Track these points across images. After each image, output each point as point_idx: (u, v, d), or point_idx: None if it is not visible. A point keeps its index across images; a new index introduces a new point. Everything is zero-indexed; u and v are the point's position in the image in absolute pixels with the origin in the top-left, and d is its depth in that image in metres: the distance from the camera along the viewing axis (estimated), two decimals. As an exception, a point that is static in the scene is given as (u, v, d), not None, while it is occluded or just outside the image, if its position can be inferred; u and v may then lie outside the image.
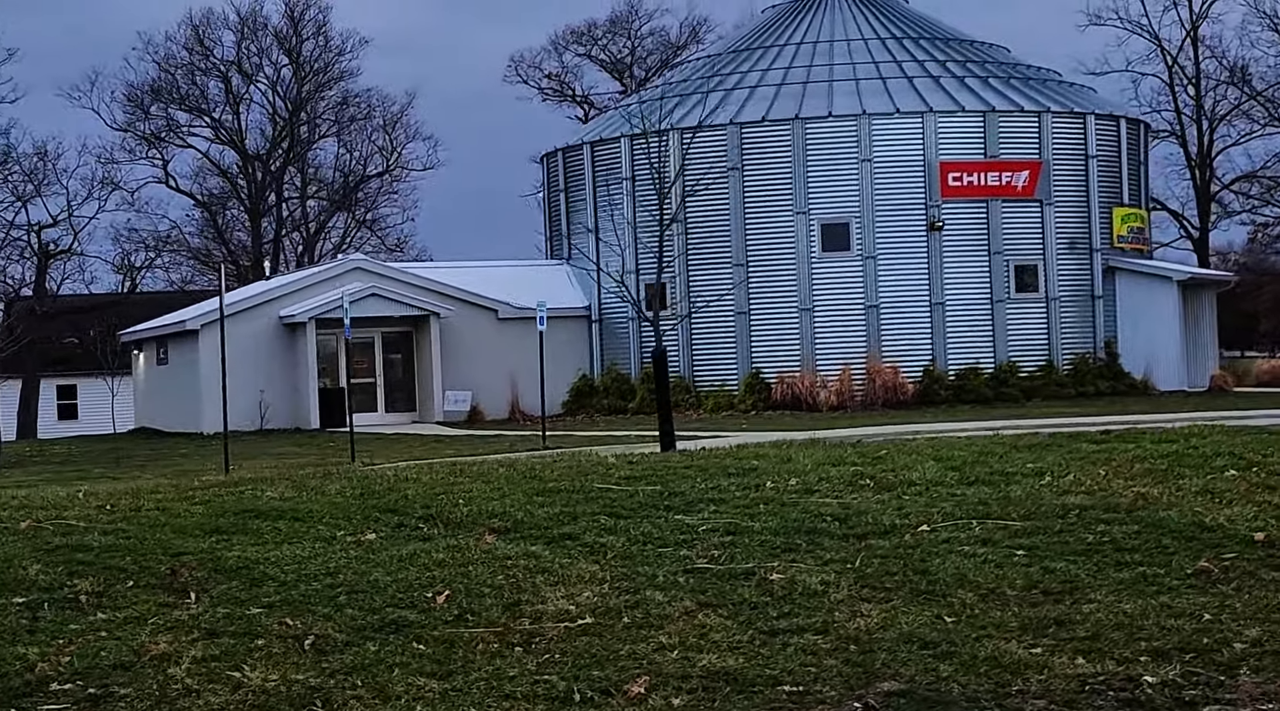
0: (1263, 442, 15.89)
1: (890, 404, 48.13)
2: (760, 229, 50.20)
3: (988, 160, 50.23)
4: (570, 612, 10.31)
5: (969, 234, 50.08)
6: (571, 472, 15.20)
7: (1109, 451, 15.66)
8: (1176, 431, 17.46)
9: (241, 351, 49.29)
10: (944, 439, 18.66)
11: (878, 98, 50.62)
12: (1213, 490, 13.25)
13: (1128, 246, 52.70)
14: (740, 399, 49.31)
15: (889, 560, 11.30)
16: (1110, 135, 52.47)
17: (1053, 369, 50.17)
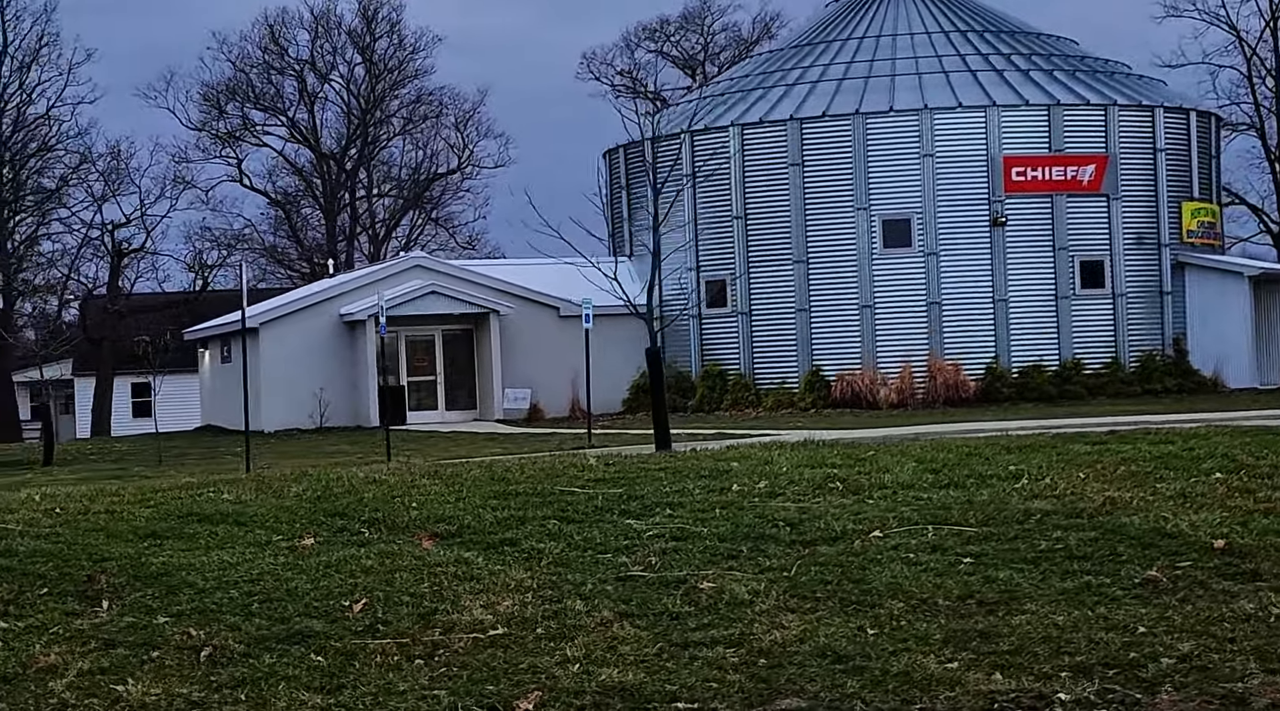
0: (1265, 443, 15.39)
1: (951, 401, 47.55)
2: (821, 225, 49.71)
3: (1052, 154, 49.50)
4: (484, 623, 10.03)
5: (1033, 229, 49.39)
6: (543, 475, 14.91)
7: (1100, 453, 15.21)
8: (1178, 432, 16.97)
9: (302, 349, 49.47)
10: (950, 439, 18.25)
11: (940, 92, 50.02)
12: (1189, 494, 12.81)
13: (1198, 241, 51.83)
14: (800, 396, 48.87)
15: (827, 568, 10.94)
16: (1180, 128, 51.60)
17: (1119, 366, 49.42)
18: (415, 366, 51.75)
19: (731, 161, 50.67)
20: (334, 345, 50.10)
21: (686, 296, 51.57)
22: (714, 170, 51.06)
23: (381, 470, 16.59)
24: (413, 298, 49.73)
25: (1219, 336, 50.11)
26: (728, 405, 49.43)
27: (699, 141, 51.51)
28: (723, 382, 50.37)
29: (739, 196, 50.54)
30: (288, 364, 49.40)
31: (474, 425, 48.58)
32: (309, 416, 48.91)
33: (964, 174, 49.15)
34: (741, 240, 50.50)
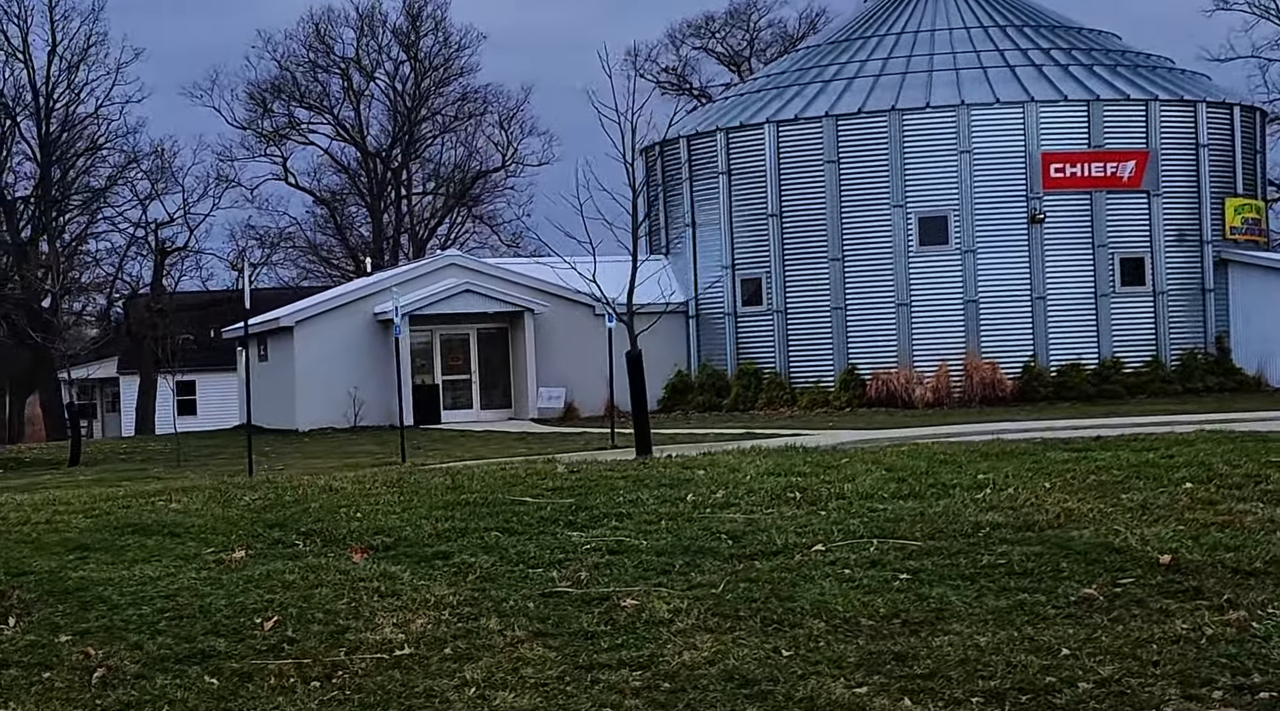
0: (1247, 450, 14.96)
1: (988, 401, 47.09)
2: (857, 223, 49.29)
3: (1092, 150, 48.92)
4: (392, 642, 9.76)
5: (1072, 226, 48.84)
6: (502, 483, 14.63)
7: (1077, 460, 14.82)
8: (1163, 438, 16.56)
9: (336, 348, 49.39)
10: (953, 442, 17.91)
11: (978, 87, 49.52)
12: (1151, 505, 12.41)
13: (1241, 238, 51.12)
14: (835, 395, 48.48)
15: (758, 584, 10.62)
16: (1223, 123, 50.93)
17: (1159, 365, 48.81)
18: (450, 365, 51.62)
19: (767, 159, 50.30)
20: (369, 344, 49.96)
21: (722, 295, 51.26)
22: (749, 167, 50.75)
23: (344, 477, 16.35)
24: (447, 296, 49.60)
25: (1263, 334, 49.44)
26: (762, 404, 49.08)
27: (734, 139, 51.19)
28: (758, 381, 50.02)
29: (774, 194, 50.16)
30: (322, 363, 49.36)
31: (508, 424, 48.41)
32: (343, 415, 48.87)
33: (1002, 170, 48.65)
34: (777, 238, 50.13)
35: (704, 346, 52.13)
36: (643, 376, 24.57)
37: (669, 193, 53.88)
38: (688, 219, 52.59)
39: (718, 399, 50.30)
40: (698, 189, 52.43)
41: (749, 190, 50.87)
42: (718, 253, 51.45)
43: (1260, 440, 15.98)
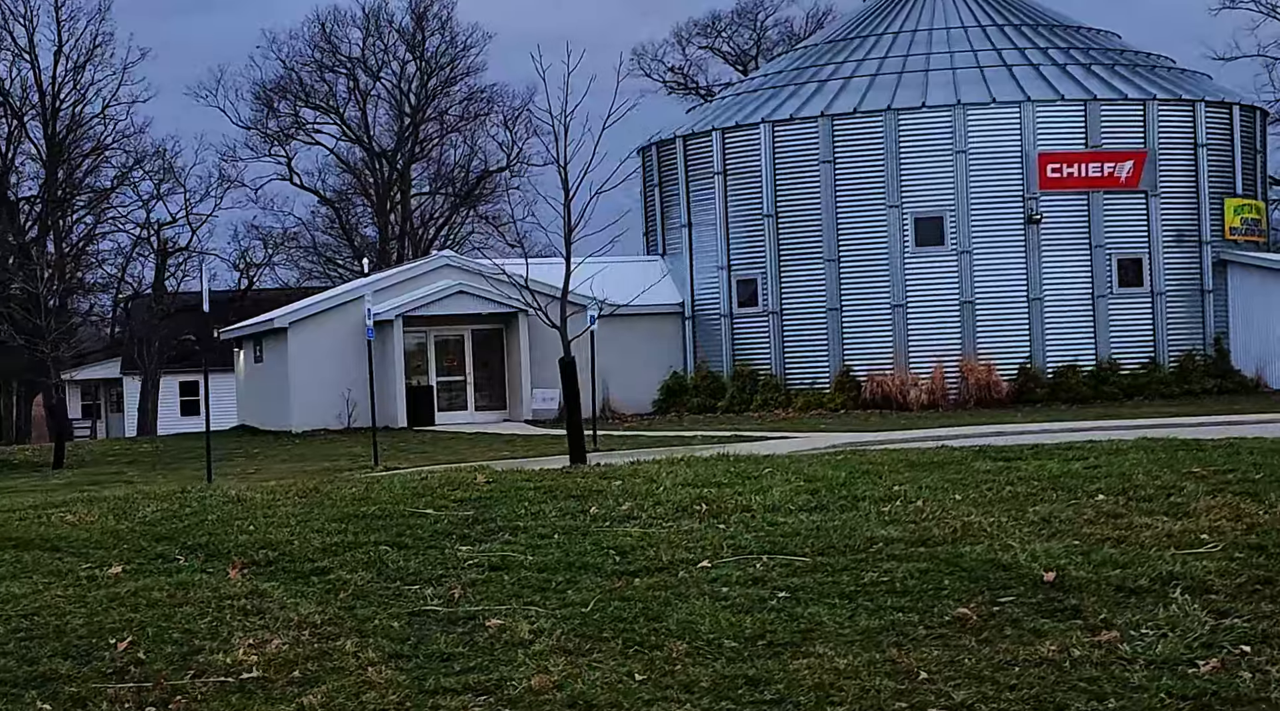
0: (1168, 462, 14.67)
1: (983, 403, 46.79)
2: (852, 223, 48.99)
3: (1089, 150, 48.56)
4: (242, 665, 9.52)
5: (1069, 227, 48.48)
6: (410, 493, 14.40)
7: (1001, 471, 14.55)
8: (1095, 447, 16.26)
9: (330, 350, 49.19)
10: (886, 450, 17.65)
11: (974, 87, 49.17)
12: (1053, 519, 12.14)
13: (1241, 238, 50.71)
14: (830, 397, 48.16)
15: (631, 603, 10.36)
16: (1222, 123, 50.52)
17: (1157, 366, 48.44)
18: (445, 366, 51.44)
19: (762, 159, 50.03)
20: (363, 346, 49.65)
21: (718, 296, 51.01)
22: (745, 167, 50.48)
23: (260, 486, 16.12)
24: (440, 297, 49.40)
25: (1262, 336, 49.08)
26: (757, 406, 48.79)
27: (730, 139, 50.92)
28: (753, 383, 49.74)
29: (770, 194, 49.89)
30: (316, 364, 49.17)
31: (502, 426, 48.18)
32: (336, 417, 48.74)
33: (998, 171, 48.32)
34: (772, 239, 49.85)
35: (700, 348, 51.86)
36: (576, 383, 24.29)
37: (665, 193, 53.60)
38: (684, 219, 52.32)
39: (713, 400, 50.02)
40: (694, 189, 52.16)
41: (745, 190, 50.58)
42: (714, 253, 51.19)
43: (1194, 449, 15.68)
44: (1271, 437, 16.96)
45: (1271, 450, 15.16)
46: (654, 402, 50.92)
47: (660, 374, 51.40)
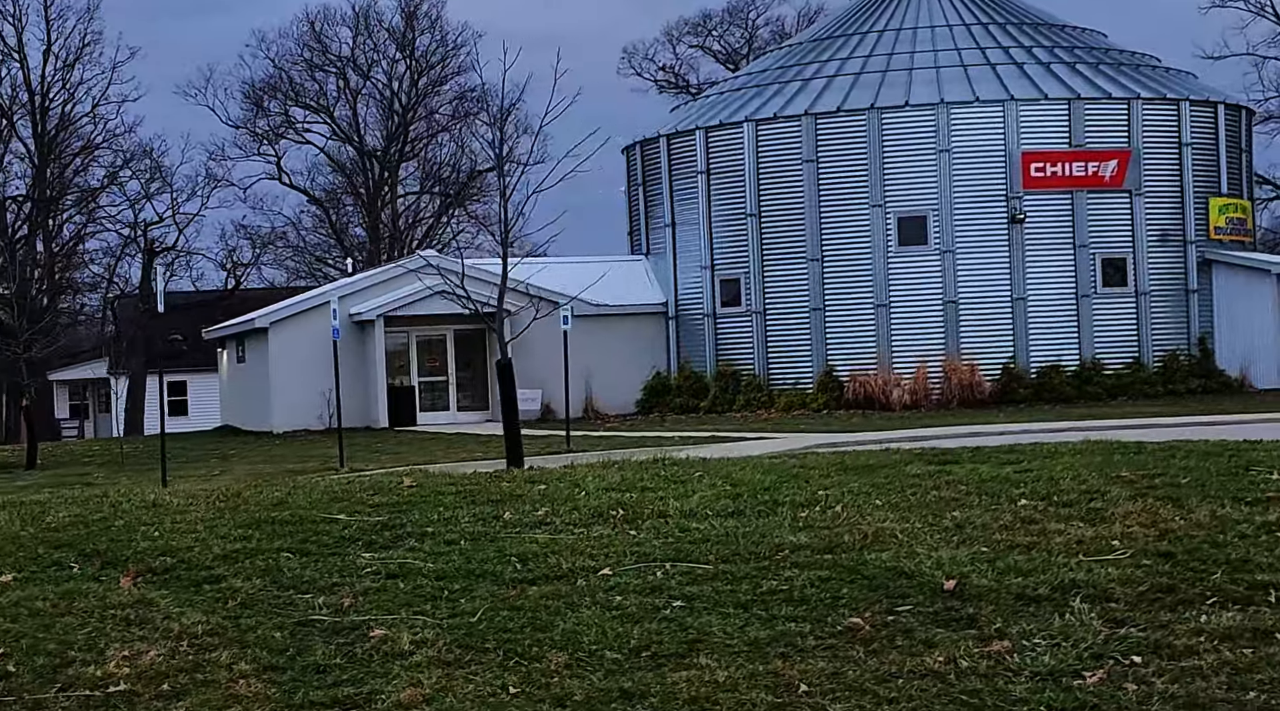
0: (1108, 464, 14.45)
1: (966, 403, 46.57)
2: (836, 223, 48.76)
3: (1073, 149, 48.34)
4: (113, 678, 9.30)
5: (1053, 226, 48.26)
6: (327, 498, 14.19)
7: (933, 475, 14.32)
8: (1033, 449, 16.04)
9: (311, 350, 48.91)
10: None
11: (958, 86, 48.94)
12: (968, 524, 11.91)
13: (1226, 238, 50.48)
14: (813, 397, 47.94)
15: (520, 613, 10.14)
16: (1207, 122, 50.28)
17: (1141, 366, 48.20)
18: (427, 366, 51.23)
19: (745, 158, 49.81)
20: (343, 346, 49.41)
21: (701, 295, 50.79)
22: (728, 167, 50.28)
23: (180, 491, 15.92)
24: (422, 297, 49.02)
25: (1247, 336, 48.86)
26: (740, 406, 48.59)
27: (713, 138, 50.72)
28: (736, 383, 49.53)
29: (753, 193, 49.67)
30: (296, 365, 48.94)
31: (484, 426, 47.92)
32: (317, 418, 48.50)
33: (981, 170, 48.10)
34: (755, 238, 49.64)
35: (684, 348, 51.63)
36: (513, 385, 24.08)
37: (649, 192, 53.39)
38: (667, 219, 52.10)
39: (696, 401, 49.80)
40: (677, 188, 51.94)
41: (728, 190, 50.37)
42: (697, 253, 50.96)
43: (1132, 452, 15.46)
44: (1216, 439, 16.74)
45: (1207, 453, 14.94)
46: (637, 403, 50.71)
47: (644, 374, 51.19)
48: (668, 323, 51.88)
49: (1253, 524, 11.04)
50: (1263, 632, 8.67)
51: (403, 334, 50.30)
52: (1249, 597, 9.36)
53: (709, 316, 50.67)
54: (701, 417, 47.52)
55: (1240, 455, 14.63)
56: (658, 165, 52.59)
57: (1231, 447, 15.56)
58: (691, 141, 51.24)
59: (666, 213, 52.14)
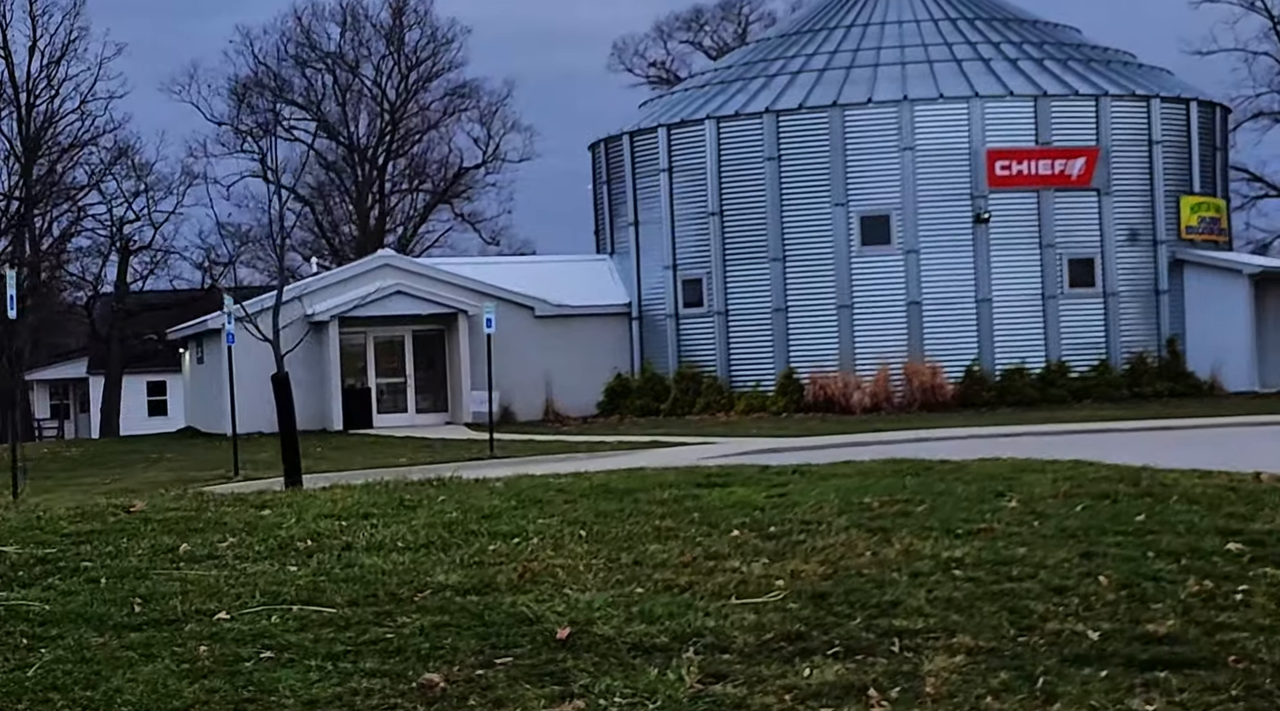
0: (877, 486, 13.59)
1: (928, 405, 45.70)
2: (798, 222, 47.93)
3: (1039, 147, 47.45)
4: None
5: (1018, 226, 47.36)
6: (14, 527, 13.36)
7: (678, 499, 13.36)
8: (813, 470, 15.19)
9: (265, 351, 48.06)
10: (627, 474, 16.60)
11: (923, 82, 48.07)
12: (646, 561, 10.82)
13: (1199, 237, 49.48)
14: (773, 400, 47.12)
15: (89, 665, 9.12)
16: (1178, 119, 49.29)
17: (1107, 369, 47.26)
18: (384, 368, 50.48)
19: (707, 156, 48.99)
20: (300, 347, 48.67)
21: (664, 296, 49.99)
22: (690, 165, 49.48)
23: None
24: (377, 298, 48.36)
25: (1218, 338, 47.88)
26: (700, 409, 47.80)
27: (675, 135, 49.92)
28: (696, 385, 48.71)
29: (715, 192, 48.85)
30: (251, 366, 48.14)
31: (441, 429, 47.18)
32: (269, 421, 47.67)
33: (946, 168, 47.25)
34: (718, 237, 48.84)
35: (647, 348, 50.81)
36: (290, 399, 23.22)
37: (614, 190, 52.61)
38: (631, 217, 51.30)
39: (656, 403, 49.02)
40: (641, 186, 51.15)
41: (690, 188, 49.55)
42: (660, 252, 50.15)
43: (907, 473, 14.60)
44: (1023, 458, 15.82)
45: (992, 475, 14.05)
46: (598, 404, 49.93)
47: (606, 376, 50.38)
48: (631, 323, 51.07)
49: (936, 560, 10.17)
50: (856, 689, 7.82)
51: (359, 334, 49.57)
52: (872, 647, 8.49)
53: (671, 317, 49.86)
54: (660, 420, 46.73)
55: (1017, 478, 13.80)
56: (621, 163, 51.81)
57: (1025, 466, 14.70)
58: (654, 139, 50.45)
59: (630, 211, 51.33)
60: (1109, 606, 9.13)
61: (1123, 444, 26.28)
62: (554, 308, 50.23)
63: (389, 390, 50.39)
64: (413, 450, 38.74)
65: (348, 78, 79.86)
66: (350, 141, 79.96)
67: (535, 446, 37.75)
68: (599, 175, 53.58)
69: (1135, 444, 26.44)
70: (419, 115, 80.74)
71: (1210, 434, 34.00)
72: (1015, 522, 11.51)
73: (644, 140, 51.00)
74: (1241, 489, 13.13)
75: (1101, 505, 12.16)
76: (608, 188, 52.94)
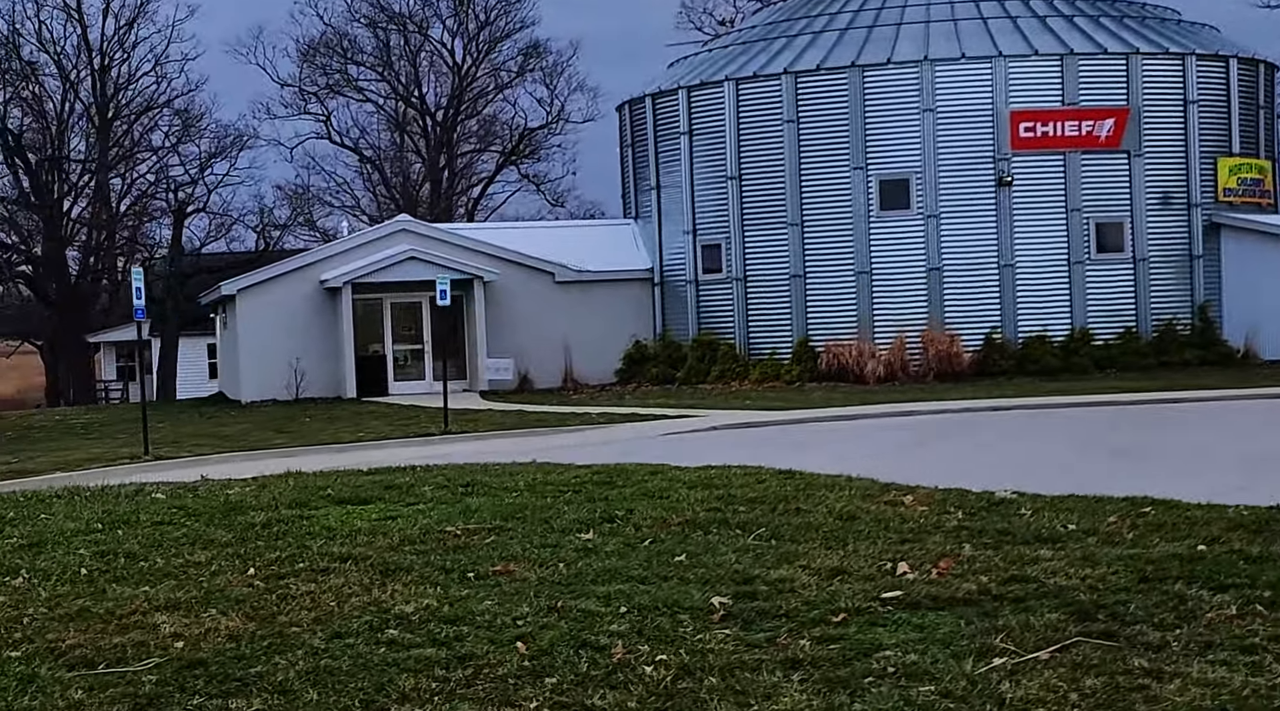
0: (490, 508, 12.66)
1: (944, 375, 44.44)
2: (817, 186, 46.72)
3: (1065, 108, 45.84)
4: None
5: (1043, 189, 45.82)
6: None
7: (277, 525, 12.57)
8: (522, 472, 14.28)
9: (279, 318, 47.92)
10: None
11: (945, 42, 46.59)
12: (330, 590, 10.19)
13: (1238, 200, 47.62)
14: (787, 369, 46.04)
15: None
16: (1217, 77, 47.41)
17: (1132, 337, 45.62)
18: (401, 335, 49.95)
19: (726, 118, 47.90)
20: (315, 313, 48.44)
21: (685, 262, 49.04)
22: (710, 128, 48.42)
23: None
24: (392, 263, 47.86)
25: (1255, 304, 46.14)
26: (715, 377, 46.83)
27: (695, 97, 48.85)
28: (713, 353, 47.72)
29: (734, 156, 47.76)
30: (265, 333, 47.93)
31: (459, 397, 46.46)
32: (285, 387, 47.53)
33: (968, 131, 45.81)
34: (736, 202, 47.77)
35: (668, 315, 49.89)
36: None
37: (637, 154, 51.65)
38: (653, 181, 50.33)
39: (673, 371, 48.13)
40: (662, 150, 50.15)
41: (710, 151, 48.49)
42: (681, 217, 49.18)
43: (604, 482, 13.67)
44: (699, 469, 14.76)
45: (634, 495, 13.07)
46: (615, 372, 49.12)
47: (625, 343, 49.54)
48: (653, 289, 50.15)
49: (379, 614, 9.18)
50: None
51: (376, 301, 49.06)
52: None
53: (691, 283, 48.89)
54: (676, 389, 45.88)
55: (670, 492, 12.80)
56: (645, 126, 50.83)
57: (699, 481, 13.69)
58: (675, 101, 49.41)
59: (652, 175, 50.37)
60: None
61: (1116, 417, 25.41)
62: (575, 273, 49.44)
63: (409, 357, 49.86)
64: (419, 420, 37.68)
65: (419, 39, 79.37)
66: (420, 103, 79.50)
67: (507, 420, 36.78)
68: (624, 138, 52.62)
69: (1123, 419, 25.58)
70: (491, 75, 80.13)
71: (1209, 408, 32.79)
72: (561, 560, 10.52)
73: (665, 102, 49.98)
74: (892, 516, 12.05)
75: (694, 536, 11.14)
76: (632, 151, 51.99)
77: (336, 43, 78.11)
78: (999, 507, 11.73)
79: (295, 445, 31.88)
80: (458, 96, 79.17)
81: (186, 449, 30.66)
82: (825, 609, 8.28)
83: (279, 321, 47.84)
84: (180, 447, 30.99)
